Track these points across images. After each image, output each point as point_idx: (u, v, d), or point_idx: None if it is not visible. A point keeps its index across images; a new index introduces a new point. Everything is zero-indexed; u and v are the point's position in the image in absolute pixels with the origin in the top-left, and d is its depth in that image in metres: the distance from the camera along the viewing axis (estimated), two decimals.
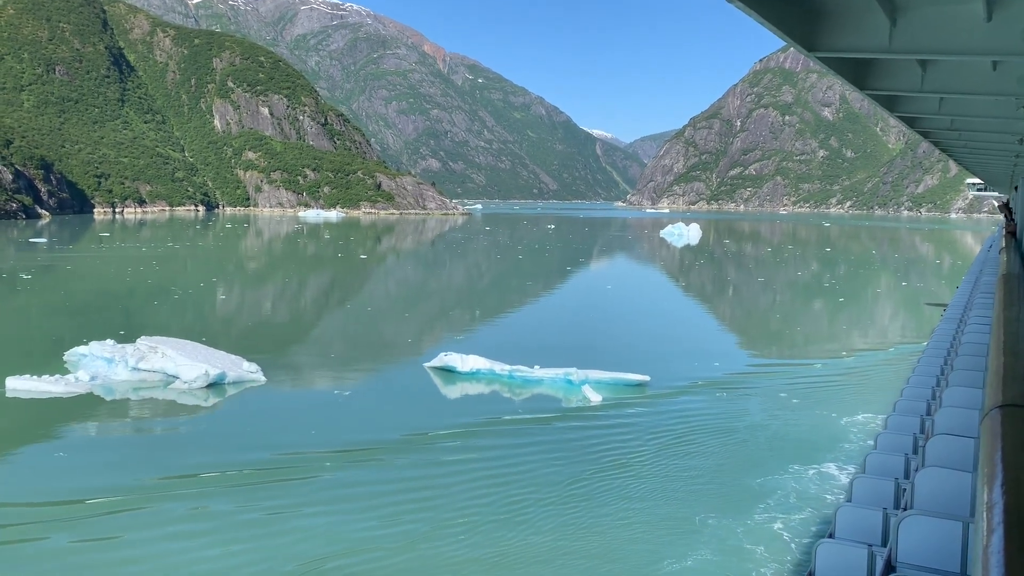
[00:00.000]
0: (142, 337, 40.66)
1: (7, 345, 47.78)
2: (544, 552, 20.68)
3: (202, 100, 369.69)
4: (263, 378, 38.31)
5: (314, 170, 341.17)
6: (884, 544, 12.10)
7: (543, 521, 22.39)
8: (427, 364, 41.82)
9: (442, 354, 41.64)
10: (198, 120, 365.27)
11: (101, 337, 42.28)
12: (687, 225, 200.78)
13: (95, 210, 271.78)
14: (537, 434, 30.77)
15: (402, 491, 24.79)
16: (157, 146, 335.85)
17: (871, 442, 28.78)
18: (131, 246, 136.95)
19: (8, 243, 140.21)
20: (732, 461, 27.71)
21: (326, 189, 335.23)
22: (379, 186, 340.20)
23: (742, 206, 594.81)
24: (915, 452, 17.39)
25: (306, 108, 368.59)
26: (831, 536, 12.68)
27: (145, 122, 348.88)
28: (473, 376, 39.80)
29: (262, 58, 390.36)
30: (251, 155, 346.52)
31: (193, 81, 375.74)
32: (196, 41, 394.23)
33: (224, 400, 35.37)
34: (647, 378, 38.70)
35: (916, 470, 13.16)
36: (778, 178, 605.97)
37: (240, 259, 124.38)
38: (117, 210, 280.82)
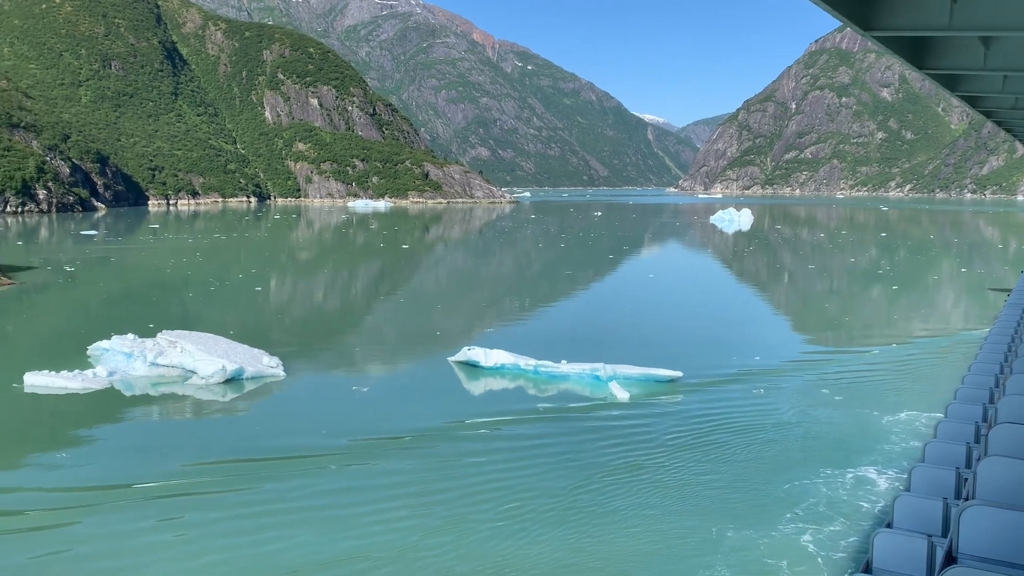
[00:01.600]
0: (163, 331, 40.20)
1: (36, 339, 48.04)
2: (544, 561, 19.31)
3: (253, 92, 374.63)
4: (283, 373, 37.51)
5: (363, 160, 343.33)
6: (944, 535, 11.72)
7: (549, 526, 20.95)
8: (451, 358, 40.57)
9: (465, 348, 40.29)
10: (249, 112, 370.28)
11: (130, 330, 41.95)
12: (738, 210, 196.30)
13: (149, 202, 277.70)
14: (555, 433, 29.28)
15: (408, 484, 23.90)
16: (210, 138, 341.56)
17: (916, 442, 26.80)
18: (179, 238, 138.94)
19: (63, 235, 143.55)
20: (761, 464, 25.85)
21: (375, 179, 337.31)
22: (427, 175, 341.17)
23: (798, 190, 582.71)
24: (977, 441, 16.85)
25: (355, 99, 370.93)
26: (889, 526, 12.30)
27: (198, 115, 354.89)
28: (497, 371, 38.44)
29: (311, 49, 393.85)
30: (301, 146, 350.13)
31: (244, 73, 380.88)
32: (247, 34, 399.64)
33: (240, 396, 34.64)
34: (679, 374, 36.87)
35: (979, 459, 12.78)
36: (835, 161, 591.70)
37: (283, 250, 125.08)
38: (171, 202, 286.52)
